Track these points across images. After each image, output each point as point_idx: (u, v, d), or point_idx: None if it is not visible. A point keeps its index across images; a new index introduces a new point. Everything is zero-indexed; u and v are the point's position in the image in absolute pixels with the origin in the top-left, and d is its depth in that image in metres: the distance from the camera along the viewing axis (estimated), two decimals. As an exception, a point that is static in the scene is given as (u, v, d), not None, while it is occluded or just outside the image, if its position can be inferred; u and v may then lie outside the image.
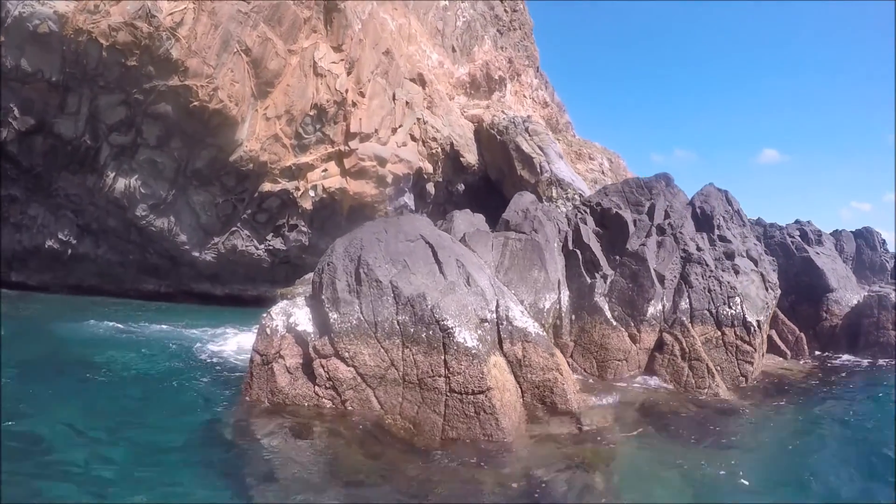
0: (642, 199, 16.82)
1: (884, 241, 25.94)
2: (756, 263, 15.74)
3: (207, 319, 23.00)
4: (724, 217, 17.12)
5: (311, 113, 28.14)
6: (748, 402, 12.74)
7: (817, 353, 18.53)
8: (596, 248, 14.78)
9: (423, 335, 9.67)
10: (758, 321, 13.95)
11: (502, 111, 34.69)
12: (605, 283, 14.04)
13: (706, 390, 12.53)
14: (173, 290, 30.57)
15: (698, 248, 14.82)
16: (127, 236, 28.21)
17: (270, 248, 30.83)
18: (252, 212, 29.63)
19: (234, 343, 17.91)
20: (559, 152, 33.65)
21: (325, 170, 29.74)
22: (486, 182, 35.31)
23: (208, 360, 15.56)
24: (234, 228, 29.80)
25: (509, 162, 33.05)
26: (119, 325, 20.34)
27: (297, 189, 29.43)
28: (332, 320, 10.05)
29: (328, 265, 10.74)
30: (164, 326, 21.14)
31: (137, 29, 22.25)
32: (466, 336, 9.66)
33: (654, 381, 13.18)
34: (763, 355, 15.76)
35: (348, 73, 28.82)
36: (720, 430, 10.84)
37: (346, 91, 28.62)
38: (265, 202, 29.47)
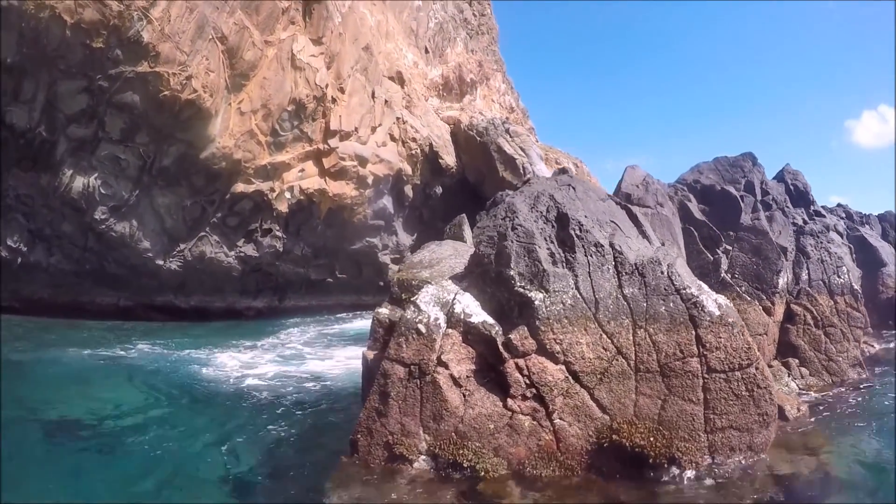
0: (737, 177, 16.61)
1: (907, 220, 26.70)
2: (842, 237, 15.79)
3: (195, 338, 20.72)
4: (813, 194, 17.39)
5: (289, 108, 26.40)
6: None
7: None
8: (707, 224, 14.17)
9: (661, 309, 7.61)
10: (859, 288, 13.79)
11: (480, 112, 33.83)
12: (727, 258, 13.40)
13: (845, 354, 12.09)
14: (133, 303, 27.78)
15: (804, 222, 14.80)
16: (83, 243, 25.43)
17: (241, 254, 28.59)
18: (222, 215, 27.41)
19: (240, 363, 15.62)
20: (540, 154, 33.06)
21: (303, 170, 27.96)
22: (464, 185, 34.25)
23: (240, 391, 12.56)
24: (202, 234, 27.46)
25: (490, 163, 32.13)
26: (106, 353, 17.42)
27: (272, 190, 27.49)
28: (535, 303, 7.56)
29: (514, 229, 7.98)
30: (156, 349, 18.48)
31: (106, 6, 20.13)
32: (712, 304, 7.83)
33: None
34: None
35: (328, 68, 27.28)
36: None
37: (326, 86, 27.07)
38: (237, 205, 27.34)
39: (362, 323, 29.11)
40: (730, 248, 13.74)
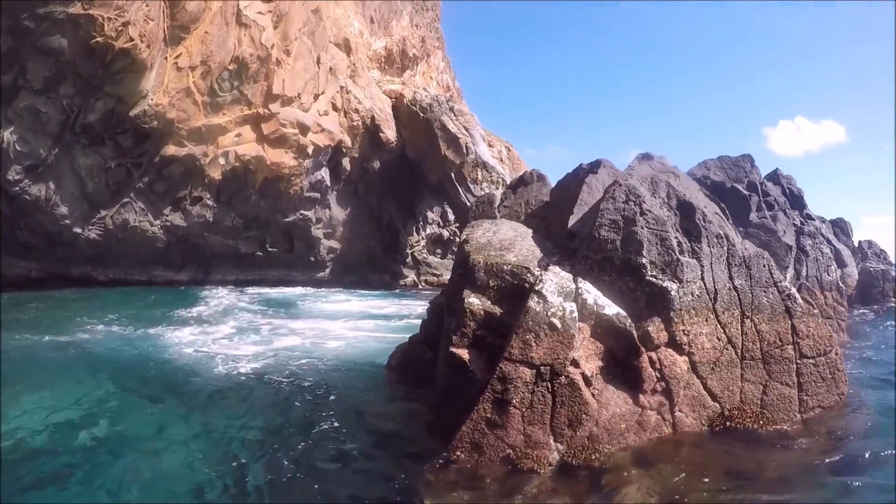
0: (740, 176, 17.32)
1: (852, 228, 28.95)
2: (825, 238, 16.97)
3: (135, 311, 18.36)
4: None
5: (231, 67, 24.67)
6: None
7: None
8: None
9: (763, 300, 7.88)
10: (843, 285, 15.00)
11: (423, 89, 33.09)
12: (739, 254, 14.02)
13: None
14: (46, 274, 25.16)
15: (801, 223, 15.71)
16: (-9, 205, 22.66)
17: (168, 224, 26.59)
18: (149, 180, 25.33)
19: (199, 341, 13.94)
20: (482, 135, 32.81)
21: (239, 134, 26.29)
22: (403, 161, 33.53)
23: (225, 379, 9.98)
24: (125, 200, 25.28)
25: (432, 141, 31.56)
26: (43, 336, 13.39)
27: (206, 155, 25.69)
28: (671, 293, 7.33)
29: (643, 214, 7.60)
30: (124, 331, 14.73)
31: (37, -65, 17.81)
32: (800, 297, 8.15)
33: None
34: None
35: (275, 28, 25.65)
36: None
37: (272, 47, 25.47)
38: (166, 169, 25.36)
39: (288, 289, 28.90)
40: (741, 244, 14.48)
